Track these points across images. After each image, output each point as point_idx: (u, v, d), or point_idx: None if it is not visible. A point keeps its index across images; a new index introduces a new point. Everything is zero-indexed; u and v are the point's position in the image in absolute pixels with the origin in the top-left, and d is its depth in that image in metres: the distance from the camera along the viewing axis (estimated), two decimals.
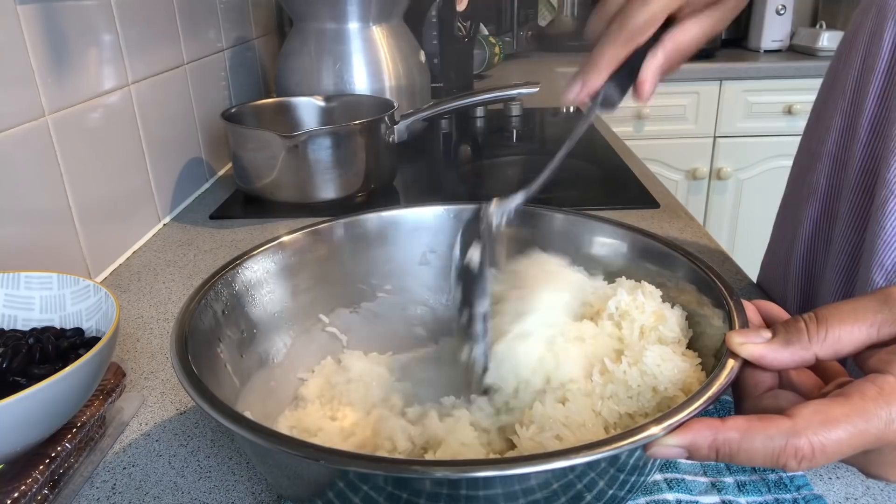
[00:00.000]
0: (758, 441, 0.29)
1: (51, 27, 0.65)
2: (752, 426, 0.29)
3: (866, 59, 0.51)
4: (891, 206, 0.47)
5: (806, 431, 0.29)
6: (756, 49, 2.13)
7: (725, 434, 0.29)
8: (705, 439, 0.30)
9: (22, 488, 0.39)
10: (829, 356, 0.32)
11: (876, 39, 0.50)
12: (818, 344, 0.32)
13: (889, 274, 0.48)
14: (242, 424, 0.31)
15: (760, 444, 0.29)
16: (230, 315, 0.45)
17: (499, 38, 1.90)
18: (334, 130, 0.86)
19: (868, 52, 0.51)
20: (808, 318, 0.33)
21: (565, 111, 1.44)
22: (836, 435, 0.29)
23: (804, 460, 0.29)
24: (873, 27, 0.50)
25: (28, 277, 0.50)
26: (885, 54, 0.49)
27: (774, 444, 0.29)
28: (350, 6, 1.04)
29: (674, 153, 2.02)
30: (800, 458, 0.29)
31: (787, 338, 0.33)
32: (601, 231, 0.51)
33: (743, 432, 0.29)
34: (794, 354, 0.33)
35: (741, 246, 2.05)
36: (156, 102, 0.86)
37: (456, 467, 0.29)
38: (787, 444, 0.29)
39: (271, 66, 1.32)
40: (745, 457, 0.29)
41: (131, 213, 0.81)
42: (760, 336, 0.34)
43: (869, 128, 0.51)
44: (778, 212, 0.68)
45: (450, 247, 0.55)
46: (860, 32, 0.53)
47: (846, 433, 0.29)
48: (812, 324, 0.32)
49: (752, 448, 0.29)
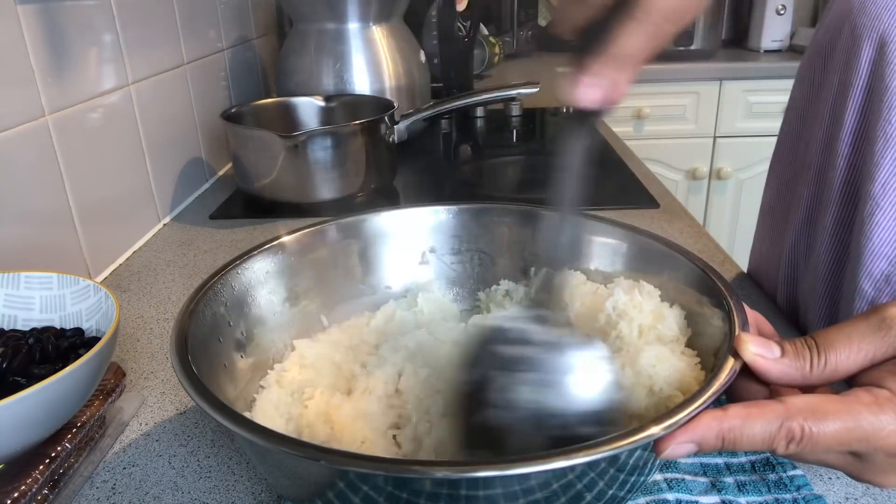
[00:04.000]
0: (757, 426, 0.30)
1: (51, 27, 0.65)
2: (750, 412, 0.31)
3: (843, 75, 0.52)
4: (877, 218, 0.49)
5: (798, 416, 0.30)
6: (756, 49, 2.12)
7: (730, 422, 0.30)
8: (711, 430, 0.30)
9: (22, 488, 0.39)
10: (823, 383, 0.33)
11: (853, 58, 0.51)
12: (818, 372, 0.33)
13: (877, 282, 0.50)
14: (242, 424, 0.31)
15: (760, 428, 0.30)
16: (230, 315, 0.45)
17: (499, 38, 1.90)
18: (334, 130, 0.86)
19: (846, 68, 0.52)
20: (810, 345, 0.33)
21: (565, 111, 1.44)
22: (827, 427, 0.30)
23: (793, 442, 0.30)
24: (848, 45, 0.52)
25: (28, 277, 0.50)
26: (861, 73, 0.51)
27: (772, 428, 0.30)
28: (350, 6, 1.03)
29: (674, 153, 2.02)
30: (789, 440, 0.30)
31: (794, 362, 0.33)
32: (601, 231, 0.51)
33: (743, 419, 0.30)
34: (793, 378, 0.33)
35: (741, 246, 2.05)
36: (156, 102, 0.86)
37: (456, 467, 0.29)
38: (782, 425, 0.30)
39: (271, 66, 1.32)
40: (746, 442, 0.30)
41: (131, 213, 0.81)
42: (771, 351, 0.34)
43: (849, 142, 0.52)
44: (764, 211, 0.69)
45: (450, 247, 0.55)
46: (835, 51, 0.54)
47: (836, 426, 0.30)
48: (814, 351, 0.33)
49: (753, 434, 0.30)
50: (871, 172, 0.49)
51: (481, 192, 1.01)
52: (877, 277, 0.50)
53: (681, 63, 1.96)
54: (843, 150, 0.52)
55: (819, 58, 0.57)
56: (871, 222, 0.49)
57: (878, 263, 0.50)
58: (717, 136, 2.02)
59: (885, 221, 0.49)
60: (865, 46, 0.50)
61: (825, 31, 0.56)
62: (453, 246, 0.55)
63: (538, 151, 1.20)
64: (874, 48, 0.50)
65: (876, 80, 0.49)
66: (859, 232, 0.51)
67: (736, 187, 2.06)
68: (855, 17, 0.51)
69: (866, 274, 0.50)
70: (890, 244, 0.49)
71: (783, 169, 0.64)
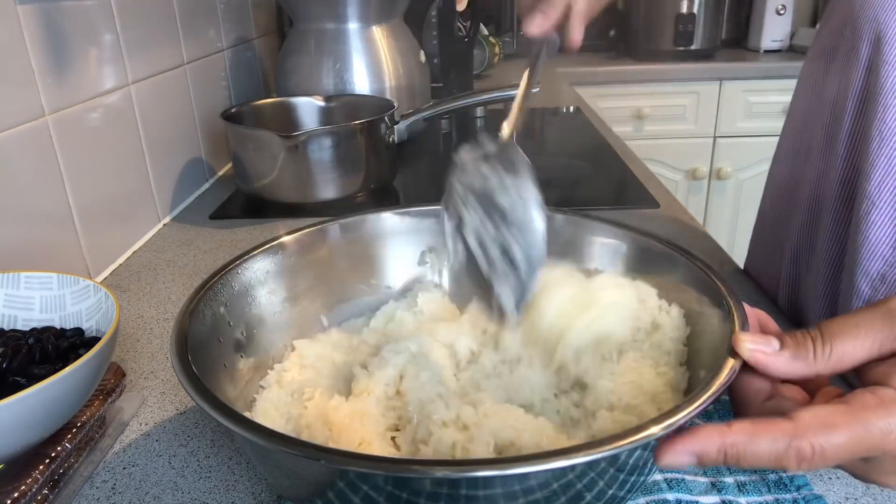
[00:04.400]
0: (763, 444, 0.29)
1: (51, 27, 0.65)
2: (756, 429, 0.30)
3: (843, 76, 0.53)
4: (873, 218, 0.49)
5: (807, 434, 0.29)
6: (756, 49, 2.13)
7: (733, 438, 0.30)
8: (713, 445, 0.30)
9: (22, 488, 0.39)
10: (830, 373, 0.33)
11: (852, 59, 0.52)
12: (823, 362, 0.32)
13: (874, 281, 0.51)
14: (242, 424, 0.31)
15: (766, 446, 0.29)
16: (230, 315, 0.45)
17: (499, 38, 1.90)
18: (334, 130, 0.86)
19: (846, 69, 0.53)
20: (813, 336, 0.33)
21: (565, 111, 1.44)
22: (836, 439, 0.29)
23: (804, 461, 0.29)
24: (849, 46, 0.52)
25: (28, 277, 0.50)
26: (859, 73, 0.51)
27: (779, 446, 0.29)
28: (350, 6, 1.03)
29: (674, 153, 2.02)
30: (800, 460, 0.29)
31: (796, 353, 0.33)
32: (601, 231, 0.51)
33: (749, 436, 0.30)
34: (799, 370, 0.33)
35: (741, 246, 2.04)
36: (156, 102, 0.86)
37: (456, 467, 0.29)
38: (790, 445, 0.29)
39: (271, 66, 1.32)
40: (751, 459, 0.30)
41: (131, 213, 0.81)
42: (770, 345, 0.34)
43: (847, 143, 0.52)
44: (763, 213, 0.69)
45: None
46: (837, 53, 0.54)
47: (845, 438, 0.29)
48: (818, 341, 0.33)
49: (758, 451, 0.30)
50: (868, 172, 0.49)
51: None
52: (873, 276, 0.50)
53: (681, 63, 1.96)
54: (841, 150, 0.53)
55: (821, 60, 0.57)
56: (868, 221, 0.50)
57: (874, 263, 0.50)
58: (716, 136, 2.02)
59: (880, 221, 0.49)
60: (864, 46, 0.50)
61: (828, 33, 0.57)
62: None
63: (538, 151, 1.20)
64: (871, 47, 0.50)
65: (872, 79, 0.50)
66: (856, 231, 0.51)
67: (736, 187, 2.06)
68: (855, 18, 0.51)
69: (863, 273, 0.51)
70: (886, 243, 0.49)
71: (785, 171, 0.64)
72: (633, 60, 2.05)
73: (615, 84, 1.97)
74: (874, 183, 0.49)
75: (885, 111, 0.48)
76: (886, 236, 0.49)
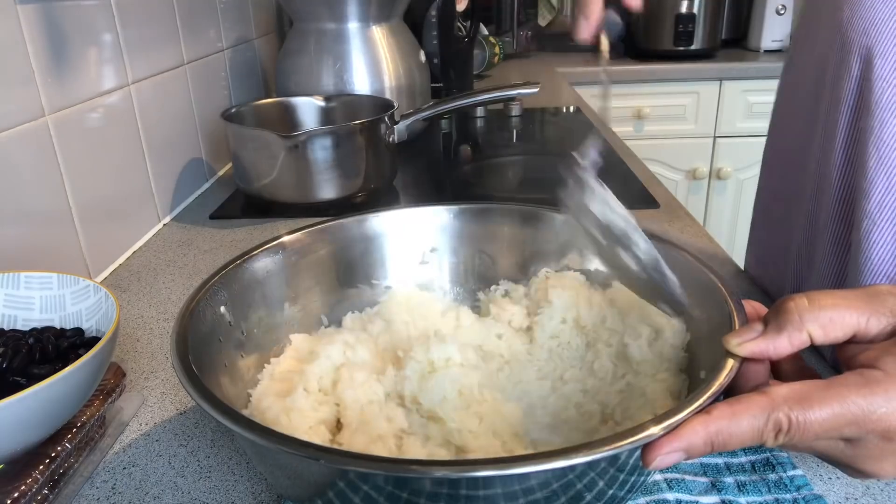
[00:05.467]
0: (744, 422, 0.30)
1: (51, 27, 0.65)
2: (735, 410, 0.30)
3: (833, 92, 0.52)
4: (874, 237, 0.49)
5: (783, 406, 0.29)
6: (756, 49, 2.12)
7: (716, 425, 0.30)
8: (699, 437, 0.30)
9: (22, 488, 0.39)
10: (821, 338, 0.33)
11: (843, 74, 0.51)
12: (812, 322, 0.32)
13: None
14: (242, 424, 0.31)
15: (747, 424, 0.30)
16: (230, 315, 0.45)
17: (499, 38, 1.90)
18: (334, 130, 0.86)
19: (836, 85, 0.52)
20: (797, 298, 0.33)
21: (565, 111, 1.44)
22: (813, 414, 0.29)
23: (781, 433, 0.30)
24: (838, 61, 0.51)
25: (28, 277, 0.50)
26: (850, 89, 0.50)
27: (758, 422, 0.30)
28: (350, 6, 1.03)
29: (674, 153, 2.02)
30: (777, 431, 0.30)
31: (779, 323, 0.33)
32: None
33: (729, 419, 0.30)
34: (790, 337, 0.33)
35: (741, 246, 2.04)
36: (156, 102, 0.86)
37: (456, 467, 0.29)
38: (768, 418, 0.29)
39: (271, 66, 1.32)
40: (737, 440, 0.30)
41: (131, 213, 0.81)
42: (753, 331, 0.34)
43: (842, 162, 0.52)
44: (757, 212, 0.68)
45: (450, 247, 0.55)
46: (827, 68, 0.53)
47: (822, 413, 0.29)
48: (802, 301, 0.33)
49: (741, 430, 0.30)
50: (867, 190, 0.48)
51: (481, 192, 1.01)
52: None
53: (681, 63, 1.96)
54: (835, 173, 0.52)
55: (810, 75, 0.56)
56: (869, 241, 0.49)
57: (876, 282, 0.49)
58: (717, 136, 2.02)
59: (882, 239, 0.48)
60: (854, 63, 0.49)
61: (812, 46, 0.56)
62: (453, 246, 0.55)
63: (538, 151, 1.20)
64: (862, 62, 0.49)
65: (865, 93, 0.49)
66: (857, 250, 0.50)
67: (736, 187, 2.06)
68: (844, 32, 0.50)
69: None
70: (889, 262, 0.48)
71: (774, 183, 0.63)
72: (633, 60, 2.05)
73: (615, 84, 1.97)
74: (874, 202, 0.48)
75: (882, 128, 0.47)
76: (889, 255, 0.48)
